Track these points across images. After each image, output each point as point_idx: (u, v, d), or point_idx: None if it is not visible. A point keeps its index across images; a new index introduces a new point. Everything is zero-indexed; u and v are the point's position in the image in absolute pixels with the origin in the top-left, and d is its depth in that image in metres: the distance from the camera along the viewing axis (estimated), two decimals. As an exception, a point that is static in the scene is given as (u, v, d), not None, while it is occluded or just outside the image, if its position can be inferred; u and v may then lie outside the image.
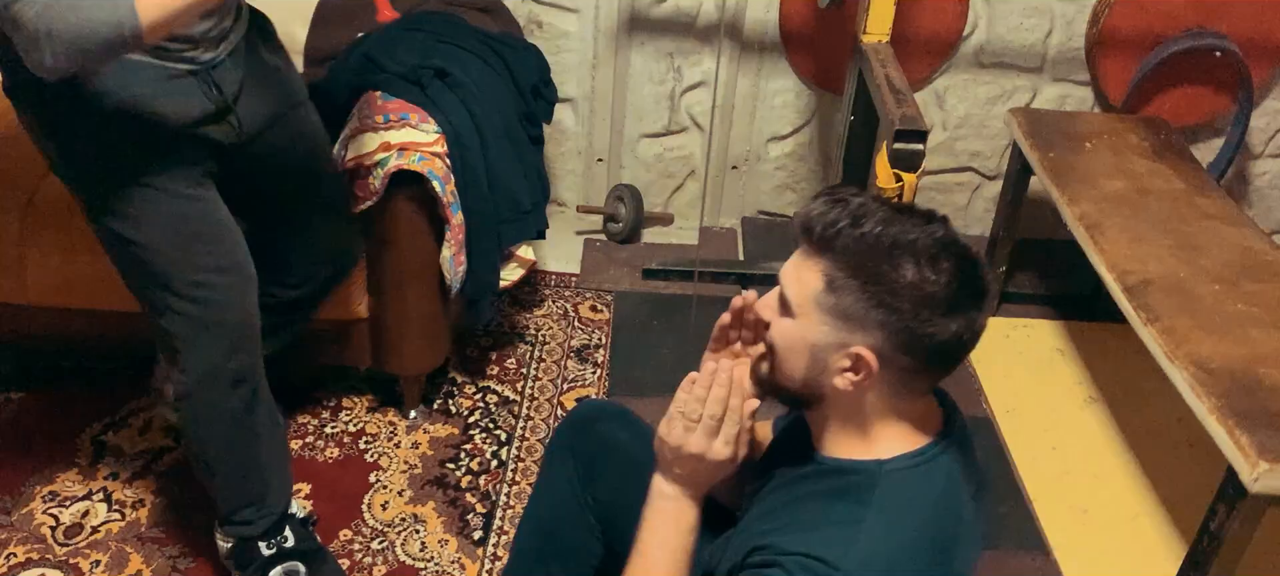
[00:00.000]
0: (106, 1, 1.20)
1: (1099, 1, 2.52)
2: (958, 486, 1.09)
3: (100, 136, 1.40)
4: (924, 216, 1.04)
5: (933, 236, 1.02)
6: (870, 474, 1.06)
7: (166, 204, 1.49)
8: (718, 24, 2.56)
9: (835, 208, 1.04)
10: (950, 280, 1.01)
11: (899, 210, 1.04)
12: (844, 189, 1.07)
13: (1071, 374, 2.45)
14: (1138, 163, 2.25)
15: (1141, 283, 1.87)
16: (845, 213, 1.03)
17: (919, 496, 1.05)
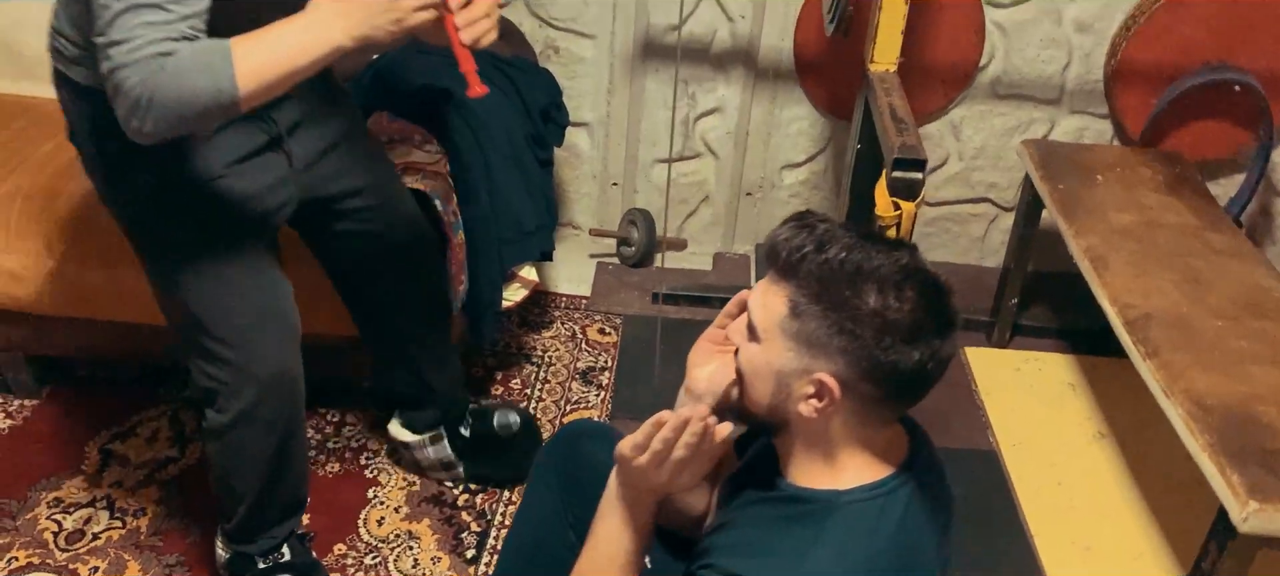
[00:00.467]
0: (208, 70, 1.22)
1: (1117, 34, 2.50)
2: (917, 518, 1.08)
3: (151, 173, 1.42)
4: (890, 244, 1.05)
5: (897, 264, 1.02)
6: (826, 503, 1.06)
7: (211, 249, 1.52)
8: (732, 51, 2.57)
9: (801, 233, 1.04)
10: (914, 308, 1.01)
11: (865, 237, 1.04)
12: (811, 215, 1.08)
13: (1082, 408, 2.42)
14: (1149, 196, 2.23)
15: (1143, 316, 1.85)
16: (811, 238, 1.03)
17: (873, 529, 1.05)
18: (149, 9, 1.20)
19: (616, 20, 2.56)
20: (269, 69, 1.26)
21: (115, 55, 1.20)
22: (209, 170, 1.48)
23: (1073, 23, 2.51)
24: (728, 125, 2.69)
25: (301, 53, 1.27)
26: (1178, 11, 2.41)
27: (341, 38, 1.27)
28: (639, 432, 1.12)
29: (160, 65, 1.20)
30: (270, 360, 1.57)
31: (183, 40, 1.22)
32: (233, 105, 1.25)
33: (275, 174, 1.56)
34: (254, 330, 1.55)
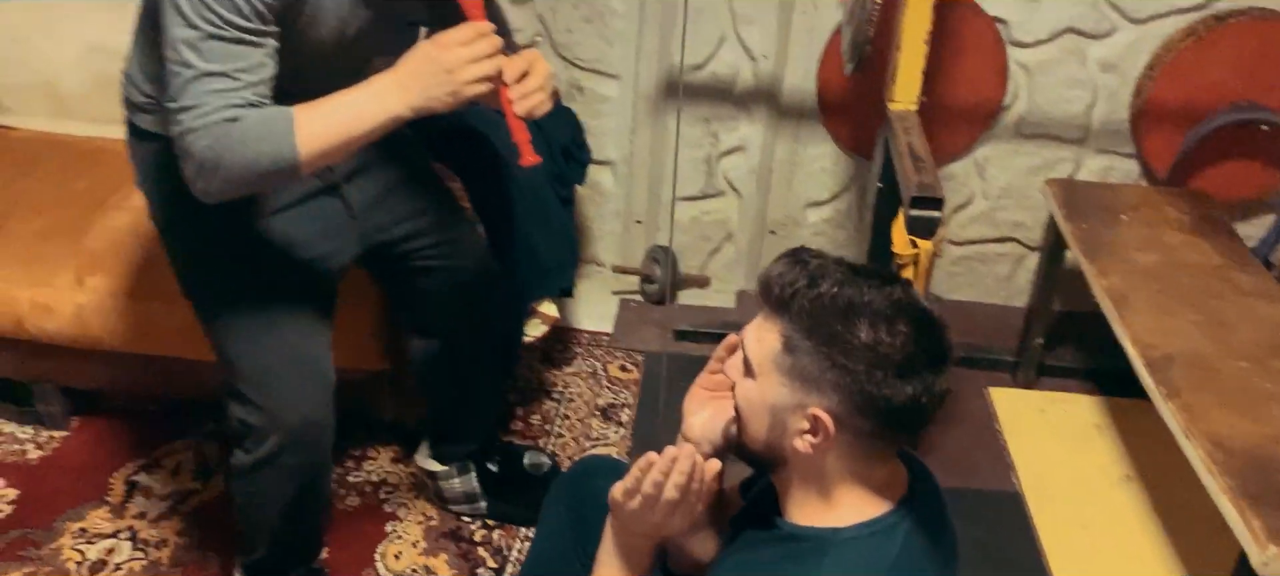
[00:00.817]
0: (271, 136, 1.28)
1: (1142, 74, 2.49)
2: (914, 556, 1.07)
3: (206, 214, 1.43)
4: (882, 278, 1.05)
5: (889, 298, 1.02)
6: (822, 541, 1.06)
7: (253, 292, 1.56)
8: (755, 90, 2.59)
9: (794, 269, 1.05)
10: (906, 342, 1.01)
11: (857, 272, 1.05)
12: (805, 251, 1.08)
13: (1108, 451, 2.39)
14: (1174, 236, 2.21)
15: (1164, 357, 1.83)
16: (803, 274, 1.04)
17: (869, 566, 1.04)
18: (217, 77, 1.26)
19: (640, 61, 2.59)
20: (329, 136, 1.31)
21: (185, 120, 1.26)
22: (261, 213, 1.52)
23: (1097, 62, 2.50)
24: (750, 163, 2.70)
25: (361, 121, 1.32)
26: (1203, 52, 2.39)
27: (400, 108, 1.32)
28: (629, 476, 1.12)
29: (226, 130, 1.26)
30: (299, 409, 1.60)
31: (248, 106, 1.27)
32: (293, 169, 1.30)
33: (330, 220, 1.60)
34: (285, 378, 1.58)
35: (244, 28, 1.26)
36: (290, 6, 1.31)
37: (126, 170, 2.21)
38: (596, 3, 2.55)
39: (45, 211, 2.14)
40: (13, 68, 2.40)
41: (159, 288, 2.00)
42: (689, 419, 1.20)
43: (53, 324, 2.03)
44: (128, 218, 2.12)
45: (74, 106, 2.42)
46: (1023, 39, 2.49)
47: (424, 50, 1.31)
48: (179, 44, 1.25)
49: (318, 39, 1.38)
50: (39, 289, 2.02)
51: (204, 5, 1.23)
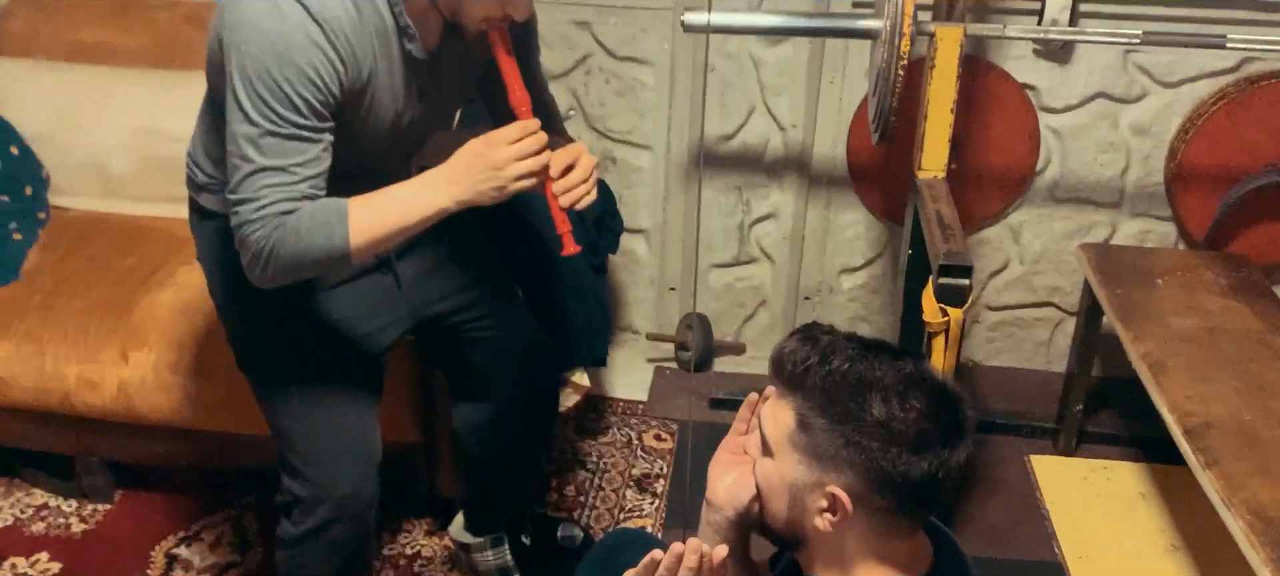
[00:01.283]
0: (324, 229, 1.34)
1: (1175, 137, 2.48)
2: (939, 633, 1.07)
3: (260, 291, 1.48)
4: (894, 353, 1.05)
5: (901, 372, 1.03)
6: (843, 619, 1.05)
7: (305, 368, 1.62)
8: (785, 159, 2.62)
9: (805, 345, 1.06)
10: (919, 417, 1.01)
11: (868, 347, 1.05)
12: (816, 326, 1.09)
13: (1153, 520, 2.34)
14: (1212, 300, 2.18)
15: (1202, 425, 1.80)
16: (815, 350, 1.05)
17: (893, 645, 1.04)
18: (275, 171, 1.32)
19: (671, 132, 2.63)
20: (379, 228, 1.37)
21: (243, 212, 1.33)
22: (315, 289, 1.57)
23: (1129, 127, 2.50)
24: (783, 230, 2.71)
25: (410, 214, 1.38)
26: (1236, 114, 2.38)
27: (448, 202, 1.38)
28: (643, 566, 1.12)
29: (281, 222, 1.32)
30: (347, 481, 1.65)
31: (304, 200, 1.34)
32: (344, 260, 1.37)
33: (382, 296, 1.65)
34: (335, 452, 1.63)
35: (301, 125, 1.32)
36: (348, 102, 1.38)
37: (171, 247, 2.31)
38: (628, 77, 2.60)
39: (92, 288, 2.20)
40: (66, 150, 2.49)
41: (201, 363, 2.06)
42: (714, 484, 1.20)
43: (98, 399, 2.08)
44: (171, 294, 2.18)
45: (123, 186, 2.49)
46: (1053, 105, 2.49)
47: (473, 148, 1.37)
48: (239, 139, 1.31)
49: (375, 129, 1.45)
50: (86, 365, 2.07)
51: (263, 103, 1.29)
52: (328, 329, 1.60)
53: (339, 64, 1.34)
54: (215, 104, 1.48)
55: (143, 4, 2.62)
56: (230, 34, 1.32)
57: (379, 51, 1.40)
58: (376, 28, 1.39)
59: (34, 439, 2.24)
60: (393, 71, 1.43)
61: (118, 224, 2.45)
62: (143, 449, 2.22)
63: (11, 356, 2.09)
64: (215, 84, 1.44)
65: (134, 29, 2.56)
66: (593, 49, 2.60)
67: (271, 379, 1.63)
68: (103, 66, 2.52)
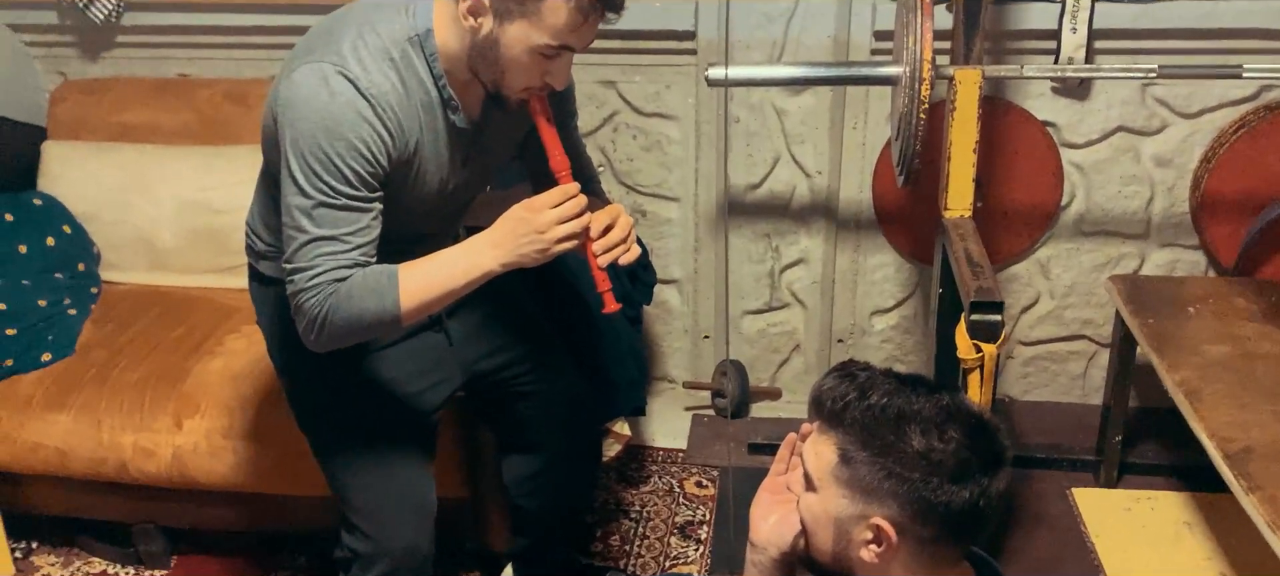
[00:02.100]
0: (376, 294, 1.41)
1: (1198, 167, 2.51)
2: (988, 661, 1.09)
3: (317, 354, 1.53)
4: (930, 387, 1.09)
5: (938, 404, 1.06)
6: (893, 648, 1.08)
7: (362, 428, 1.68)
8: (812, 205, 2.66)
9: (844, 382, 1.10)
10: (958, 447, 1.04)
11: (905, 381, 1.09)
12: (853, 364, 1.13)
13: (1201, 549, 2.33)
14: (1245, 326, 2.19)
15: (1243, 450, 1.81)
16: (853, 387, 1.09)
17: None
18: (328, 241, 1.39)
19: (699, 183, 2.68)
20: (427, 292, 1.43)
21: (298, 280, 1.40)
22: (370, 349, 1.63)
23: (1151, 159, 2.53)
24: (813, 275, 2.75)
25: (456, 278, 1.44)
26: (1257, 142, 2.41)
27: (492, 265, 1.44)
28: None
29: (335, 289, 1.39)
30: (404, 537, 1.70)
31: (356, 267, 1.40)
32: (395, 322, 1.43)
33: (434, 354, 1.71)
34: (392, 509, 1.69)
35: (352, 196, 1.38)
36: (396, 172, 1.44)
37: (218, 316, 2.38)
38: (654, 132, 2.67)
39: (145, 359, 2.27)
40: (114, 227, 2.58)
41: (253, 428, 2.12)
42: (757, 525, 1.24)
43: (154, 466, 2.14)
44: (222, 362, 2.24)
45: (170, 259, 2.57)
46: (1074, 140, 2.53)
47: (516, 212, 1.43)
48: (294, 210, 1.38)
49: (421, 196, 1.51)
50: (141, 433, 2.14)
51: (316, 176, 1.36)
52: (383, 388, 1.65)
53: (387, 137, 1.41)
54: (270, 176, 1.55)
55: (184, 84, 2.73)
56: (284, 111, 1.39)
57: (425, 123, 1.47)
58: (422, 101, 1.45)
59: (91, 508, 2.30)
60: (438, 141, 1.50)
61: (166, 296, 2.52)
62: (197, 514, 2.27)
63: (70, 429, 2.16)
64: (270, 157, 1.51)
65: (176, 108, 2.66)
66: (619, 106, 2.67)
67: (329, 437, 1.68)
68: (147, 145, 2.61)
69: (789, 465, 1.28)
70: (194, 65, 2.79)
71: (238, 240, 2.49)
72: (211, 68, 2.78)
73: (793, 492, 1.20)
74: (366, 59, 1.40)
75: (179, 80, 2.76)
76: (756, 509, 1.26)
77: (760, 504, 1.26)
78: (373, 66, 1.40)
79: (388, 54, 1.42)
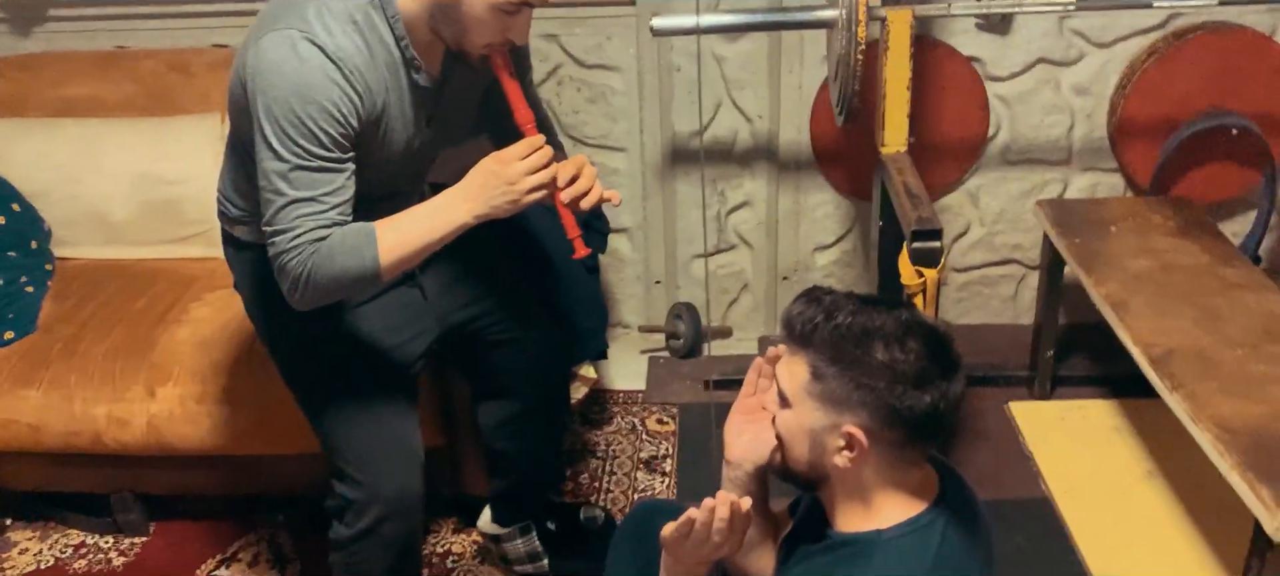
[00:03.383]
0: (356, 251, 1.46)
1: (1114, 93, 2.66)
2: (953, 547, 1.20)
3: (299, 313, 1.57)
4: (889, 304, 1.20)
5: (898, 320, 1.17)
6: (869, 543, 1.19)
7: (348, 382, 1.74)
8: (754, 149, 2.76)
9: (811, 306, 1.20)
10: (918, 357, 1.15)
11: (866, 301, 1.20)
12: (817, 289, 1.23)
13: (1128, 450, 2.51)
14: (1162, 241, 2.35)
15: (1166, 353, 1.97)
16: (820, 309, 1.19)
17: (914, 560, 1.17)
18: (306, 202, 1.44)
19: (644, 133, 2.76)
20: (405, 246, 1.49)
21: (279, 242, 1.45)
22: (347, 306, 1.69)
23: (1071, 87, 2.68)
24: (758, 217, 2.86)
25: (433, 231, 1.51)
26: (1166, 67, 2.56)
27: (466, 217, 1.51)
28: (680, 522, 1.25)
29: (316, 248, 1.44)
30: (394, 483, 1.77)
31: (334, 226, 1.46)
32: (376, 278, 1.49)
33: (410, 308, 1.78)
34: (382, 455, 1.75)
35: (326, 157, 1.44)
36: (365, 132, 1.50)
37: (179, 285, 2.41)
38: (598, 84, 2.74)
39: (111, 332, 2.29)
40: (65, 203, 2.57)
41: (226, 391, 2.16)
42: (732, 443, 1.34)
43: (129, 435, 2.17)
44: (189, 330, 2.28)
45: (123, 232, 2.58)
46: (998, 73, 2.66)
47: (487, 166, 1.49)
48: (271, 175, 1.43)
49: (389, 154, 1.57)
50: (114, 404, 2.17)
51: (290, 140, 1.41)
52: (363, 342, 1.72)
53: (356, 98, 1.46)
54: (240, 143, 1.59)
55: (123, 56, 2.71)
56: (254, 79, 1.43)
57: (390, 83, 1.52)
58: (386, 61, 1.51)
59: (67, 481, 2.33)
60: (403, 100, 1.55)
61: (123, 269, 2.54)
62: (173, 480, 2.31)
63: (41, 404, 2.18)
64: (240, 125, 1.55)
65: (119, 80, 2.65)
66: (562, 60, 2.73)
67: (316, 393, 1.74)
68: (93, 119, 2.60)
69: (757, 387, 1.38)
70: (131, 37, 2.78)
71: (192, 210, 2.55)
72: (148, 39, 2.77)
73: (767, 411, 1.30)
74: (331, 24, 1.45)
75: (118, 52, 2.74)
76: (730, 429, 1.36)
77: (733, 425, 1.36)
78: (338, 31, 1.45)
79: (351, 17, 1.47)
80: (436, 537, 2.30)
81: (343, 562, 1.82)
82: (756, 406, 1.35)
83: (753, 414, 1.35)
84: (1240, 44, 2.56)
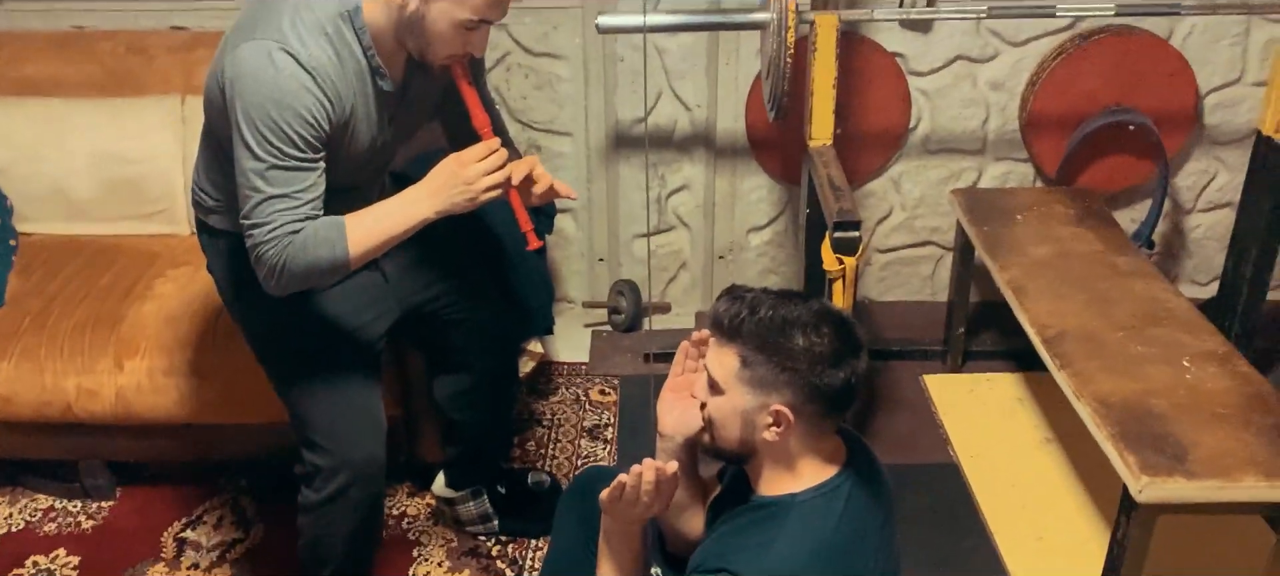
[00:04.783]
0: (327, 243, 1.60)
1: (1025, 89, 2.87)
2: (857, 506, 1.40)
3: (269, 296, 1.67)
4: (802, 297, 1.38)
5: (811, 310, 1.36)
6: (786, 504, 1.38)
7: (316, 357, 1.87)
8: (693, 136, 2.93)
9: (736, 303, 1.37)
10: (831, 340, 1.34)
11: (782, 295, 1.38)
12: (738, 287, 1.41)
13: (1029, 419, 2.74)
14: (1063, 230, 2.57)
15: (1058, 334, 2.18)
16: (744, 305, 1.36)
17: (824, 518, 1.36)
18: (281, 198, 1.57)
19: (589, 119, 2.92)
20: (373, 238, 1.63)
21: (256, 235, 1.58)
22: (316, 290, 1.82)
23: (986, 83, 2.88)
24: (696, 199, 3.04)
25: (397, 225, 1.65)
26: (1073, 66, 2.78)
27: (428, 212, 1.65)
28: (613, 486, 1.43)
29: (291, 240, 1.58)
30: (362, 450, 1.92)
31: (307, 220, 1.59)
32: (345, 266, 1.63)
33: (372, 290, 1.92)
34: (349, 424, 1.90)
35: (300, 158, 1.57)
36: (335, 134, 1.63)
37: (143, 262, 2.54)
38: (545, 71, 2.88)
39: (79, 306, 2.39)
40: (28, 179, 2.65)
41: (192, 364, 2.29)
42: (663, 418, 1.51)
43: (98, 405, 2.29)
44: (155, 305, 2.39)
45: (86, 209, 2.67)
46: (920, 69, 2.86)
47: (447, 166, 1.64)
48: (249, 173, 1.56)
49: (355, 153, 1.71)
50: (84, 376, 2.28)
51: (267, 142, 1.54)
52: (331, 323, 1.86)
53: (328, 104, 1.60)
54: (215, 139, 1.72)
55: (83, 37, 2.79)
56: (232, 84, 1.56)
57: (357, 90, 1.66)
58: (354, 70, 1.65)
59: (37, 448, 2.44)
60: (369, 104, 1.69)
61: (87, 245, 2.63)
62: (140, 448, 2.43)
63: (12, 375, 2.28)
64: (216, 123, 1.68)
65: (78, 61, 2.73)
66: (511, 47, 2.87)
67: (287, 369, 1.88)
68: (54, 99, 2.68)
69: (684, 368, 1.55)
70: (88, 17, 2.85)
71: (153, 188, 2.66)
72: (106, 20, 2.84)
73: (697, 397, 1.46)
74: (305, 35, 1.58)
75: (77, 33, 2.82)
76: (661, 405, 1.53)
77: (664, 402, 1.53)
78: (311, 41, 1.58)
79: (323, 29, 1.60)
80: (393, 500, 2.45)
81: (311, 525, 1.96)
82: (686, 385, 1.53)
83: (681, 391, 1.53)
84: (1140, 46, 2.78)
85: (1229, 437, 1.85)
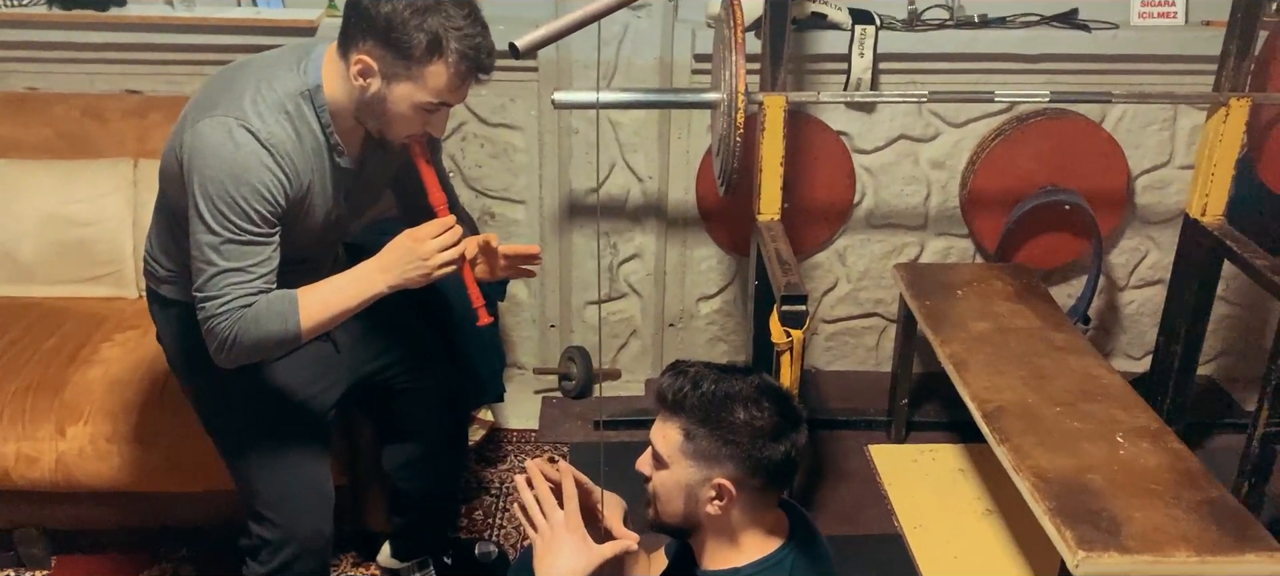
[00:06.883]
0: (279, 317, 1.61)
1: (965, 168, 2.96)
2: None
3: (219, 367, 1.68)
4: (744, 370, 1.42)
5: (752, 384, 1.39)
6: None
7: (265, 428, 1.87)
8: (645, 206, 2.98)
9: (679, 378, 1.41)
10: (771, 414, 1.37)
11: (724, 370, 1.42)
12: (682, 362, 1.44)
13: (970, 491, 2.79)
14: (1002, 305, 2.65)
15: (997, 409, 2.24)
16: (687, 380, 1.40)
17: (767, 595, 1.39)
18: (235, 272, 1.58)
19: (543, 187, 2.96)
20: (325, 312, 1.65)
21: (209, 308, 1.59)
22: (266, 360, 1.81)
23: (928, 161, 2.98)
24: (647, 268, 3.08)
25: (350, 299, 1.67)
26: (1011, 148, 2.88)
27: (381, 287, 1.68)
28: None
29: (242, 314, 1.58)
30: (309, 524, 1.91)
31: (260, 294, 1.60)
32: (296, 340, 1.64)
33: (324, 361, 1.93)
34: (296, 499, 1.90)
35: (255, 233, 1.59)
36: (291, 209, 1.65)
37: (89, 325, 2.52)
38: (500, 141, 2.92)
39: (22, 370, 2.36)
40: (-26, 241, 2.63)
41: (135, 431, 2.26)
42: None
43: (37, 472, 2.25)
44: (100, 370, 2.37)
45: (33, 271, 2.65)
46: (864, 147, 2.94)
47: (402, 243, 1.66)
48: (204, 246, 1.57)
49: (310, 227, 1.72)
50: (24, 442, 2.24)
51: (223, 217, 1.56)
52: (281, 393, 1.86)
53: (285, 181, 1.62)
54: (170, 210, 1.73)
55: (37, 99, 2.79)
56: (191, 158, 1.58)
57: (315, 166, 1.69)
58: (313, 146, 1.67)
59: (-30, 516, 2.39)
60: (325, 180, 1.72)
61: (33, 307, 2.60)
62: (79, 515, 2.39)
63: (-50, 442, 2.24)
64: (173, 195, 1.69)
65: (33, 123, 2.73)
66: (467, 117, 2.91)
67: (235, 439, 1.88)
68: (5, 160, 2.67)
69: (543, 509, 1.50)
70: (43, 79, 2.85)
71: (102, 251, 2.65)
72: (61, 83, 2.84)
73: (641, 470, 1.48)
74: (265, 112, 1.61)
75: (32, 95, 2.82)
76: (539, 567, 1.45)
77: (542, 564, 1.44)
78: (271, 119, 1.61)
79: (283, 107, 1.63)
80: (338, 571, 2.43)
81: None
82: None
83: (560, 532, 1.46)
84: (1074, 129, 2.90)
85: (1161, 514, 1.91)
